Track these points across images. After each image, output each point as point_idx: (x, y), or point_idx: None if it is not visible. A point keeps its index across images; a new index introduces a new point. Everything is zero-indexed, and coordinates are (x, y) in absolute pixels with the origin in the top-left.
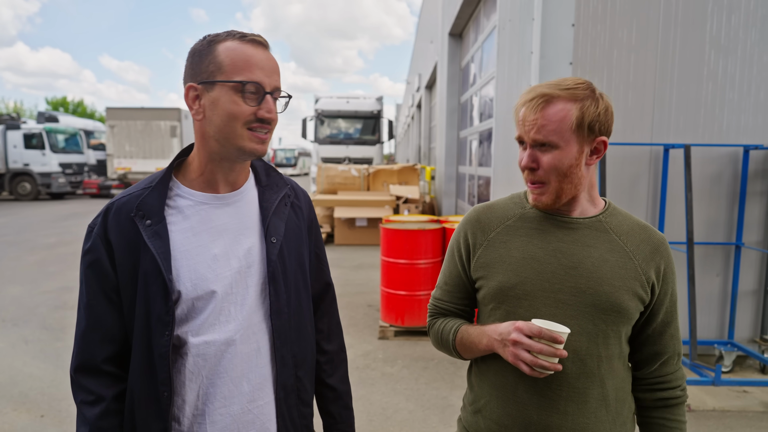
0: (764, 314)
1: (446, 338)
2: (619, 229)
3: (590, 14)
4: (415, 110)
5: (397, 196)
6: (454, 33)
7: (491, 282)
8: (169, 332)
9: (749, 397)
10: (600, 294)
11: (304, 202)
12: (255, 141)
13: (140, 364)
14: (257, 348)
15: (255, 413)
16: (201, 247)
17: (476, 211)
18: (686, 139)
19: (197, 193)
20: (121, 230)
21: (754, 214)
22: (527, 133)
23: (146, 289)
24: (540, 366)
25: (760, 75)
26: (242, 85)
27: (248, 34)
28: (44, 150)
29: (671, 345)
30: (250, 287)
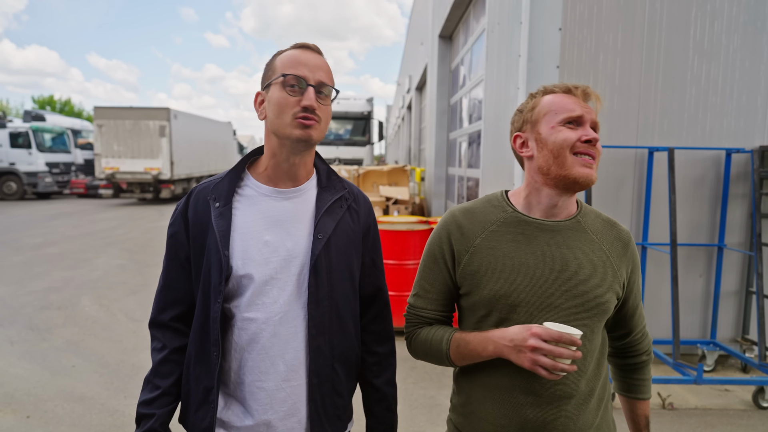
0: (746, 314)
1: (437, 348)
2: (594, 227)
3: (577, 18)
4: (406, 112)
5: (386, 197)
6: (444, 35)
7: (483, 291)
8: (220, 300)
9: (731, 396)
10: (588, 295)
11: (364, 207)
12: (299, 127)
13: (198, 324)
14: (294, 332)
15: (288, 392)
16: (255, 232)
17: (455, 216)
18: (670, 143)
19: (262, 185)
20: (197, 210)
21: (736, 216)
22: (589, 113)
23: (209, 260)
24: (561, 369)
25: (742, 80)
26: (284, 78)
27: (300, 43)
28: (30, 149)
29: (638, 323)
30: (293, 276)
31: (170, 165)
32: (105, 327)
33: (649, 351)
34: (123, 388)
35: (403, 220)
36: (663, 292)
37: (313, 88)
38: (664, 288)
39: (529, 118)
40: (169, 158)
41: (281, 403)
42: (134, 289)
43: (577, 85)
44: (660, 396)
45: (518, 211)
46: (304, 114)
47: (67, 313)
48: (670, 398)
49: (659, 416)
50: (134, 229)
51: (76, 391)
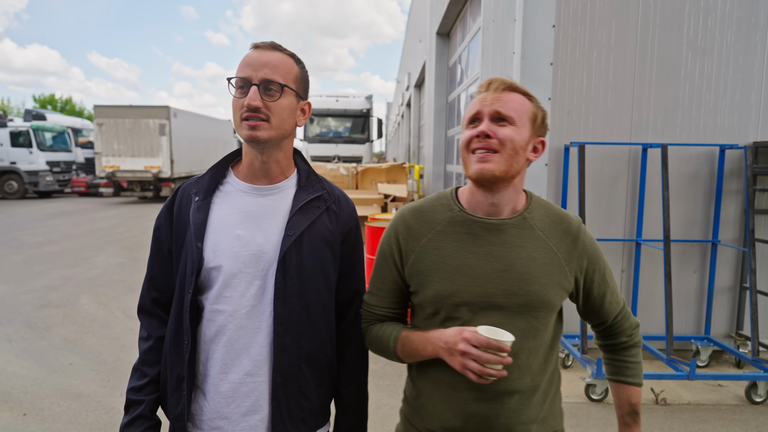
0: (740, 310)
1: (386, 344)
2: (542, 224)
3: (570, 15)
4: (405, 109)
5: (385, 194)
6: (442, 32)
7: (428, 290)
8: (191, 291)
9: (724, 391)
10: (530, 294)
11: (345, 210)
12: (246, 128)
13: (174, 314)
14: (259, 327)
15: (251, 387)
16: (229, 226)
17: (405, 215)
18: (664, 139)
19: (241, 182)
20: (181, 205)
21: (730, 212)
22: (488, 106)
23: (186, 252)
24: (488, 374)
25: (736, 76)
26: (230, 82)
27: (256, 43)
28: (31, 148)
29: (611, 310)
30: (261, 270)
31: (170, 163)
32: (103, 325)
33: (631, 333)
34: (119, 386)
35: None
36: (657, 288)
37: (257, 87)
38: (658, 284)
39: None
40: (169, 156)
41: (244, 398)
42: (133, 287)
43: (489, 81)
44: (653, 391)
45: (465, 210)
46: (247, 114)
47: (65, 312)
48: (663, 394)
49: (652, 411)
50: (134, 227)
51: (73, 388)
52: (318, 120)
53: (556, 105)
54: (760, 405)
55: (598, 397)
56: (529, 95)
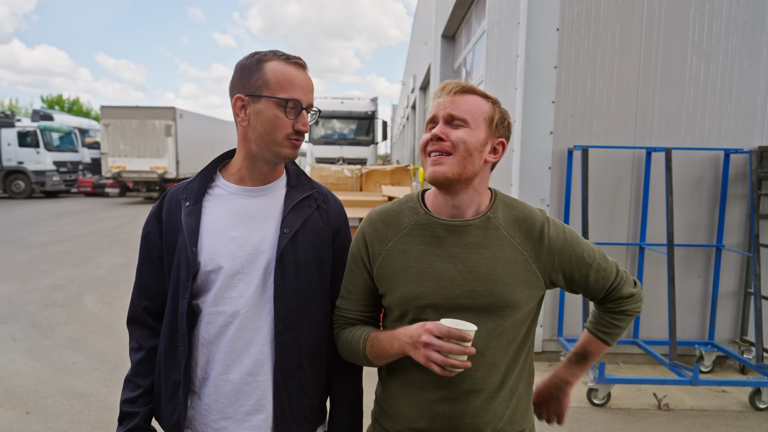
0: (744, 315)
1: (356, 347)
2: (506, 223)
3: (574, 18)
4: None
5: (389, 196)
6: (447, 35)
7: (394, 294)
8: (187, 296)
9: (727, 397)
10: (495, 294)
11: (334, 208)
12: (290, 147)
13: (168, 320)
14: (260, 326)
15: (253, 386)
16: (223, 228)
17: (372, 219)
18: (668, 143)
19: (231, 185)
20: (170, 211)
21: (735, 217)
22: (443, 110)
23: (178, 258)
24: (451, 365)
25: (741, 80)
26: (285, 102)
27: (291, 56)
28: (38, 148)
29: (598, 287)
30: (259, 270)
31: (176, 164)
32: (107, 324)
33: (621, 301)
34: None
35: None
36: (660, 292)
37: (305, 111)
38: (662, 289)
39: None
40: (175, 157)
41: (246, 397)
42: None
43: (443, 85)
44: (656, 396)
45: (430, 213)
46: (297, 137)
47: (69, 311)
48: (666, 399)
49: (654, 417)
50: (139, 227)
51: (76, 387)
52: (323, 122)
53: (560, 108)
54: (764, 411)
55: (600, 401)
56: (486, 96)
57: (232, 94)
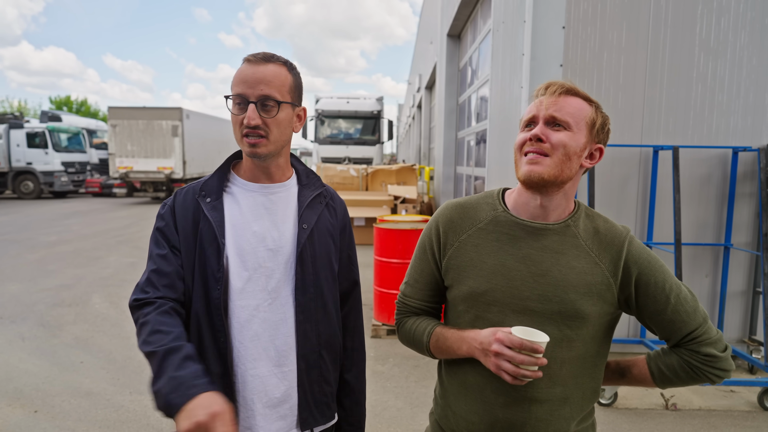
0: (752, 315)
1: (419, 339)
2: (586, 233)
3: (580, 16)
4: (416, 111)
5: (395, 196)
6: (453, 34)
7: (462, 286)
8: (221, 287)
9: (736, 397)
10: (565, 302)
11: (339, 206)
12: (247, 145)
13: (200, 313)
14: (283, 318)
15: (280, 377)
16: (245, 223)
17: (448, 209)
18: (676, 141)
19: (249, 183)
20: (185, 206)
21: (743, 215)
22: (545, 110)
23: (203, 251)
24: (522, 375)
25: (750, 77)
26: (229, 99)
27: (249, 56)
28: (47, 149)
29: (674, 329)
30: (280, 263)
31: (183, 164)
32: (114, 324)
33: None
34: (129, 384)
35: (408, 219)
36: None
37: (254, 105)
38: None
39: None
40: (182, 158)
41: (274, 389)
42: None
43: (547, 85)
44: (663, 396)
45: (508, 211)
46: (247, 131)
47: (77, 311)
48: (673, 399)
49: (662, 417)
50: (146, 227)
51: (84, 386)
52: (329, 121)
53: None
54: None
55: (606, 401)
56: (589, 100)
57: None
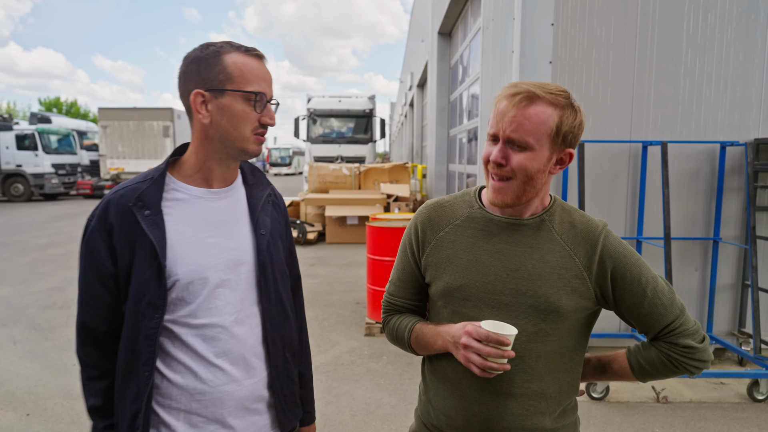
0: (742, 307)
1: (401, 336)
2: (561, 227)
3: (569, 13)
4: (408, 109)
5: (387, 194)
6: (444, 32)
7: (439, 282)
8: (159, 315)
9: (726, 389)
10: (539, 295)
11: (281, 201)
12: (257, 143)
13: (128, 343)
14: (251, 330)
15: (251, 389)
16: (196, 236)
17: (427, 209)
18: (664, 136)
19: (193, 188)
20: (120, 220)
21: (731, 209)
22: (504, 130)
23: (141, 274)
24: (489, 368)
25: (736, 73)
26: (254, 96)
27: (250, 48)
28: (37, 151)
29: (652, 322)
30: (242, 274)
31: None
32: None
33: (679, 344)
34: None
35: (401, 217)
36: None
37: (269, 104)
38: None
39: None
40: None
41: (247, 401)
42: None
43: (510, 93)
44: (654, 389)
45: (483, 208)
46: (262, 131)
47: (69, 313)
48: (664, 392)
49: (653, 409)
50: None
51: (76, 389)
52: (321, 120)
53: None
54: (762, 403)
55: (598, 395)
56: (555, 101)
57: (187, 89)
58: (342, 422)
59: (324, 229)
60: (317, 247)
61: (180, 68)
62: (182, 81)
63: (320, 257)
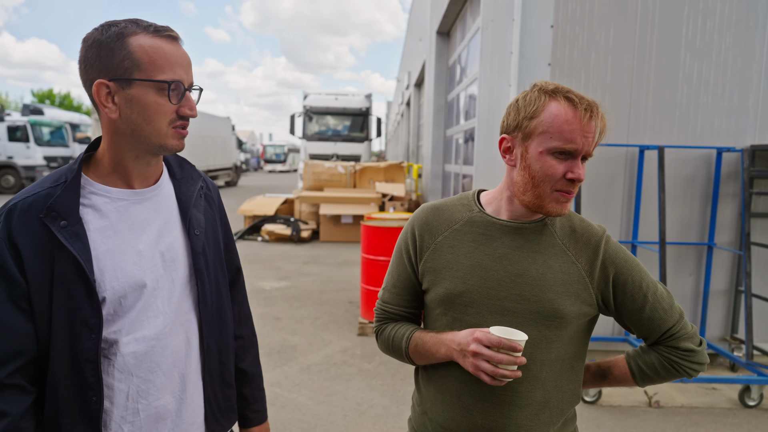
0: (735, 313)
1: (398, 345)
2: (562, 232)
3: (569, 16)
4: (405, 108)
5: (383, 193)
6: (442, 31)
7: (438, 288)
8: (96, 335)
9: (717, 394)
10: (543, 301)
11: (214, 192)
12: (177, 137)
13: (63, 371)
14: (186, 338)
15: (187, 401)
16: (124, 244)
17: (424, 212)
18: (661, 141)
19: (113, 189)
20: (29, 233)
21: (726, 215)
22: (589, 145)
23: (66, 293)
24: (501, 375)
25: (734, 79)
26: (167, 85)
27: (160, 27)
28: (29, 143)
29: (653, 327)
30: (176, 280)
31: None
32: None
33: (679, 348)
34: None
35: (396, 216)
36: None
37: (195, 92)
38: None
39: (525, 125)
40: None
41: (181, 414)
42: None
43: (583, 99)
44: (646, 394)
45: (484, 211)
46: (182, 123)
47: None
48: (656, 396)
49: (645, 414)
50: None
51: None
52: (317, 118)
53: None
54: (753, 408)
55: (591, 399)
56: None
57: (89, 78)
58: (333, 422)
59: (318, 227)
60: (311, 245)
61: (80, 52)
62: (82, 69)
63: (314, 255)
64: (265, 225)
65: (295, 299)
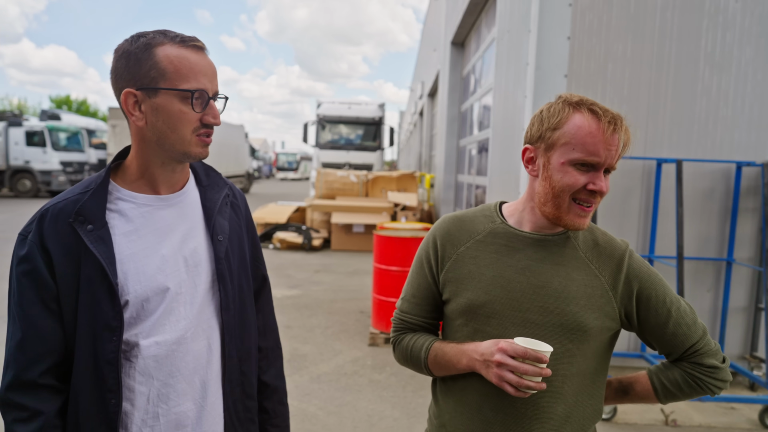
0: (754, 331)
1: (417, 356)
2: (585, 245)
3: (586, 27)
4: (417, 118)
5: (395, 203)
6: (456, 42)
7: (460, 299)
8: (117, 338)
9: (736, 414)
10: (567, 314)
11: (241, 200)
12: (201, 145)
13: (85, 372)
14: (208, 345)
15: (207, 409)
16: (148, 248)
17: (446, 222)
18: (679, 154)
19: (139, 195)
20: (59, 237)
21: (746, 230)
22: (612, 158)
23: (91, 295)
24: (526, 386)
25: (754, 92)
26: (191, 93)
27: (186, 37)
28: (45, 148)
29: (676, 342)
30: (199, 285)
31: None
32: None
33: (704, 364)
34: None
35: (408, 226)
36: None
37: (220, 101)
38: None
39: (549, 136)
40: None
41: (201, 422)
42: None
43: (607, 111)
44: (663, 412)
45: (506, 223)
46: (206, 131)
47: None
48: (673, 415)
49: None
50: None
51: None
52: (330, 127)
53: None
54: None
55: (606, 416)
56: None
57: (118, 87)
58: None
59: (330, 235)
60: (322, 254)
61: (111, 63)
62: (113, 78)
63: (325, 264)
64: (277, 233)
65: (306, 308)
